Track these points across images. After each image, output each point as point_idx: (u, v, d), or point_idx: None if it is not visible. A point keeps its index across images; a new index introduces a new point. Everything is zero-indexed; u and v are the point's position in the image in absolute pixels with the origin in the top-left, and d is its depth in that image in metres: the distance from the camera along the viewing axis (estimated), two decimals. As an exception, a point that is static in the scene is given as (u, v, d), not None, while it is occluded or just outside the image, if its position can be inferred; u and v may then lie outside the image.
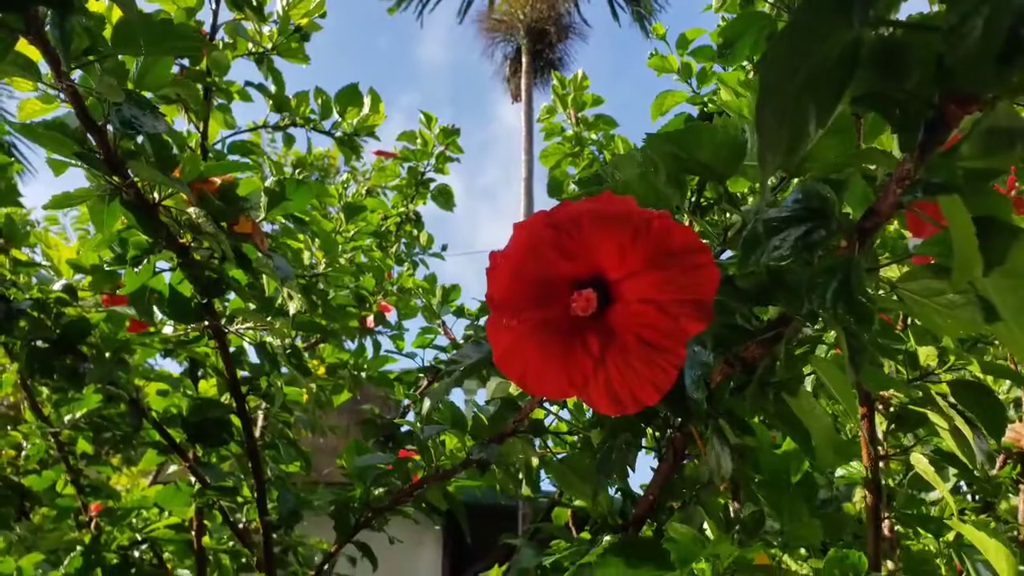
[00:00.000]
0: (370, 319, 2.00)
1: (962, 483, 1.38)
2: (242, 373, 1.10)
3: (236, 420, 1.14)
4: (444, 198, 2.40)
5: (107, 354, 1.17)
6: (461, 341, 1.86)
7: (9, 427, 2.80)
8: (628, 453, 0.74)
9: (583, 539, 0.83)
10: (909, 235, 0.62)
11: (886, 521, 1.13)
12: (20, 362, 1.47)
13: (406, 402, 1.79)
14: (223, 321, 0.97)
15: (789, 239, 0.48)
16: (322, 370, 1.72)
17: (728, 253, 0.71)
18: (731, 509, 0.72)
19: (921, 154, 0.44)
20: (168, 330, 1.10)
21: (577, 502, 1.46)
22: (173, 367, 1.48)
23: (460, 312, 1.89)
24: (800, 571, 1.01)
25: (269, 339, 1.03)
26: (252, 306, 0.93)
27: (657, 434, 0.74)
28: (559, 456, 0.90)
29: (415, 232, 2.41)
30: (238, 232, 0.86)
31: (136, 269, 0.85)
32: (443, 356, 1.77)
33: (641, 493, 0.79)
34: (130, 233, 0.84)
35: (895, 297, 0.52)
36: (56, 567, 1.55)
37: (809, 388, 0.81)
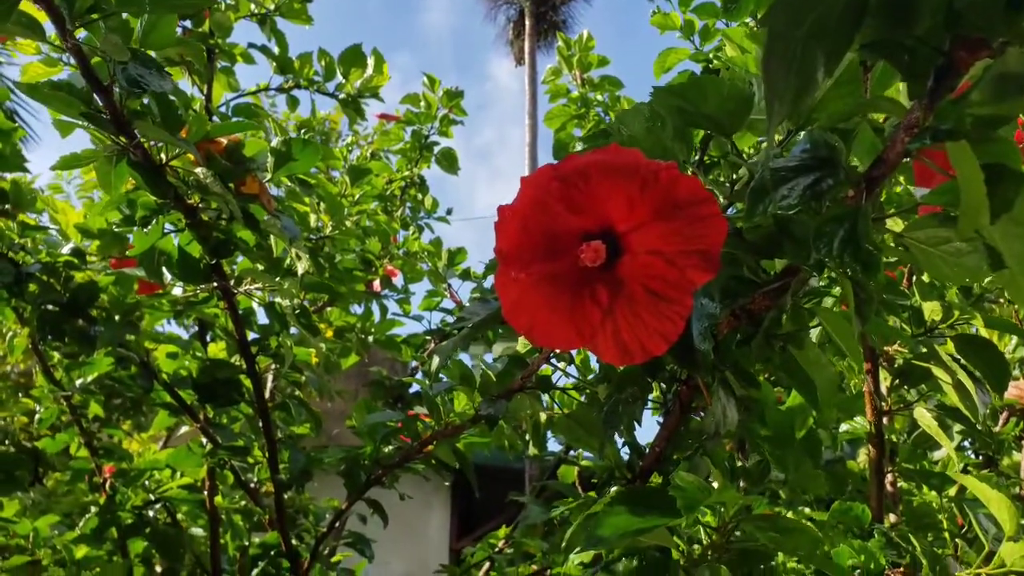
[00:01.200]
0: (376, 283, 2.01)
1: (965, 442, 1.40)
2: (251, 335, 1.11)
3: (246, 381, 1.16)
4: (448, 161, 2.39)
5: (116, 317, 1.18)
6: (467, 304, 1.86)
7: (21, 394, 2.84)
8: (634, 406, 0.75)
9: (590, 496, 0.85)
10: (915, 189, 0.62)
11: (889, 476, 1.15)
12: (31, 326, 1.49)
13: (414, 364, 1.80)
14: (232, 282, 0.97)
15: (797, 188, 0.48)
16: (330, 333, 1.73)
17: (734, 210, 0.71)
18: (737, 460, 0.73)
19: (930, 101, 0.44)
20: (178, 292, 1.11)
21: (584, 462, 1.49)
22: (182, 334, 1.50)
23: (466, 275, 1.90)
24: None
25: (278, 300, 1.04)
26: (260, 267, 0.94)
27: (663, 386, 0.74)
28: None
29: (419, 196, 2.40)
30: (245, 193, 0.87)
31: (145, 230, 0.85)
32: (450, 319, 1.78)
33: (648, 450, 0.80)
34: (138, 194, 0.85)
35: (901, 247, 0.52)
36: (71, 529, 1.58)
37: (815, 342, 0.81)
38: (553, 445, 1.62)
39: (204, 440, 1.30)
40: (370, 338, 1.91)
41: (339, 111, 3.06)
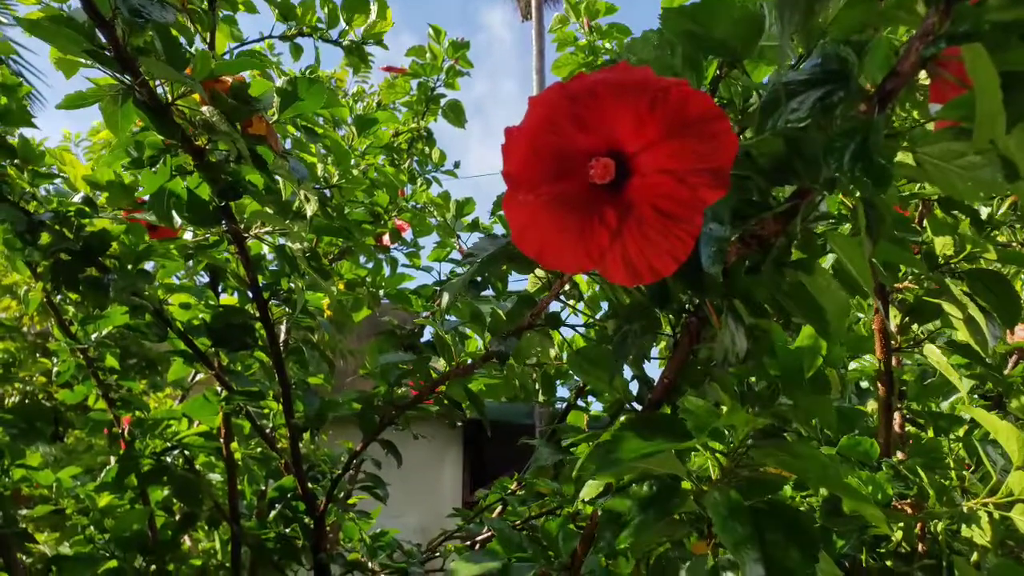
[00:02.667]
0: (386, 237, 2.01)
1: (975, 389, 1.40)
2: (263, 282, 1.12)
3: (260, 330, 1.17)
4: (455, 114, 2.37)
5: (129, 266, 1.19)
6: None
7: (39, 355, 2.87)
8: (643, 339, 0.76)
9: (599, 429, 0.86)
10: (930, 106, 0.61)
11: (897, 417, 1.16)
12: (44, 278, 1.51)
13: (424, 315, 1.81)
14: (241, 226, 0.97)
15: (807, 101, 0.47)
16: (342, 285, 1.74)
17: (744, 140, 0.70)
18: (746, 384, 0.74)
19: (947, 6, 0.43)
20: (188, 236, 1.11)
21: (594, 412, 1.50)
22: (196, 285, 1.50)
23: (474, 227, 1.89)
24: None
25: (288, 243, 1.05)
26: (270, 210, 0.94)
27: (672, 318, 0.75)
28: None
29: (427, 150, 2.39)
30: (252, 134, 0.86)
31: (153, 169, 0.85)
32: (459, 270, 1.78)
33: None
34: (145, 135, 0.85)
35: (913, 163, 0.51)
36: (93, 481, 1.62)
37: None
38: (562, 391, 1.64)
39: (219, 389, 1.32)
40: (381, 292, 1.92)
41: (344, 69, 3.03)
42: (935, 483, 0.89)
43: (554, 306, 0.93)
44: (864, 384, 1.30)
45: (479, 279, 1.14)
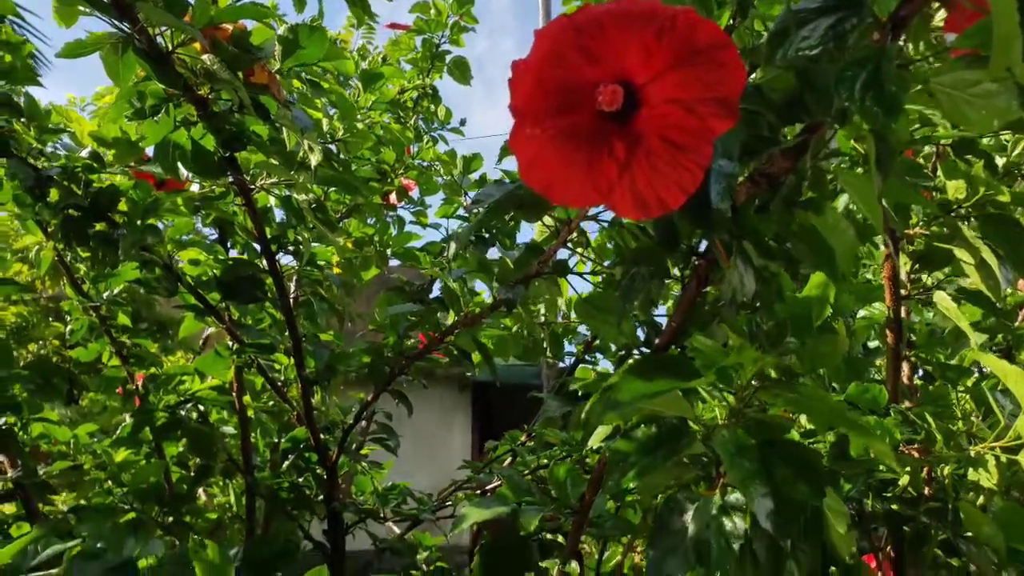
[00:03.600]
0: (393, 196, 2.00)
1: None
2: (270, 235, 1.11)
3: (270, 284, 1.17)
4: (460, 70, 2.34)
5: (138, 222, 1.19)
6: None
7: (51, 318, 2.90)
8: (651, 282, 0.75)
9: (606, 372, 0.86)
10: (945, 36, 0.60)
11: (906, 369, 1.16)
12: (55, 237, 1.51)
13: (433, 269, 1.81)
14: (247, 178, 0.97)
15: (818, 29, 0.46)
16: (349, 243, 1.74)
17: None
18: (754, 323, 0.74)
19: (963, -77, 0.42)
20: (195, 189, 1.11)
21: (602, 369, 1.51)
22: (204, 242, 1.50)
23: (482, 183, 1.88)
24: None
25: (294, 194, 1.04)
26: (275, 161, 0.94)
27: (680, 262, 0.74)
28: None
29: (432, 107, 2.37)
30: (255, 83, 0.85)
31: (156, 119, 0.85)
32: (466, 225, 1.78)
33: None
34: (146, 85, 0.84)
35: (926, 93, 0.50)
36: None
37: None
38: (569, 348, 1.64)
39: (231, 344, 1.33)
40: (389, 251, 1.92)
41: (349, 30, 2.99)
42: (943, 428, 0.90)
43: (562, 254, 0.93)
44: (872, 344, 1.30)
45: (487, 235, 1.14)
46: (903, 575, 0.94)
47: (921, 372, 1.08)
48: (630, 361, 0.72)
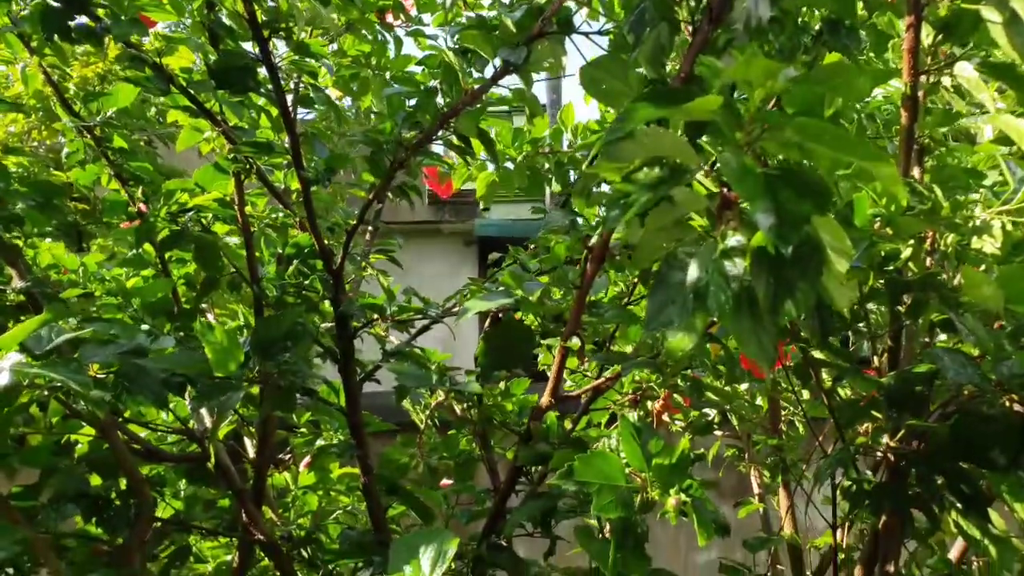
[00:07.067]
0: (389, 16, 1.91)
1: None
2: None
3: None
4: None
5: (123, 17, 1.14)
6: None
7: (52, 168, 2.86)
8: (660, 26, 0.72)
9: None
10: None
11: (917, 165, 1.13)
12: (39, 52, 1.46)
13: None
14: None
15: None
16: (346, 61, 1.68)
17: None
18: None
19: None
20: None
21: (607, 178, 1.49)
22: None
23: (484, -9, 1.78)
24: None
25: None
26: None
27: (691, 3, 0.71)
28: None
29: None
30: None
31: None
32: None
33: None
34: None
35: None
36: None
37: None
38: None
39: (230, 155, 1.31)
40: (387, 75, 1.85)
41: None
42: (950, 197, 0.89)
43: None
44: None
45: None
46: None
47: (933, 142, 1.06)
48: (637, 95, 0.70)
